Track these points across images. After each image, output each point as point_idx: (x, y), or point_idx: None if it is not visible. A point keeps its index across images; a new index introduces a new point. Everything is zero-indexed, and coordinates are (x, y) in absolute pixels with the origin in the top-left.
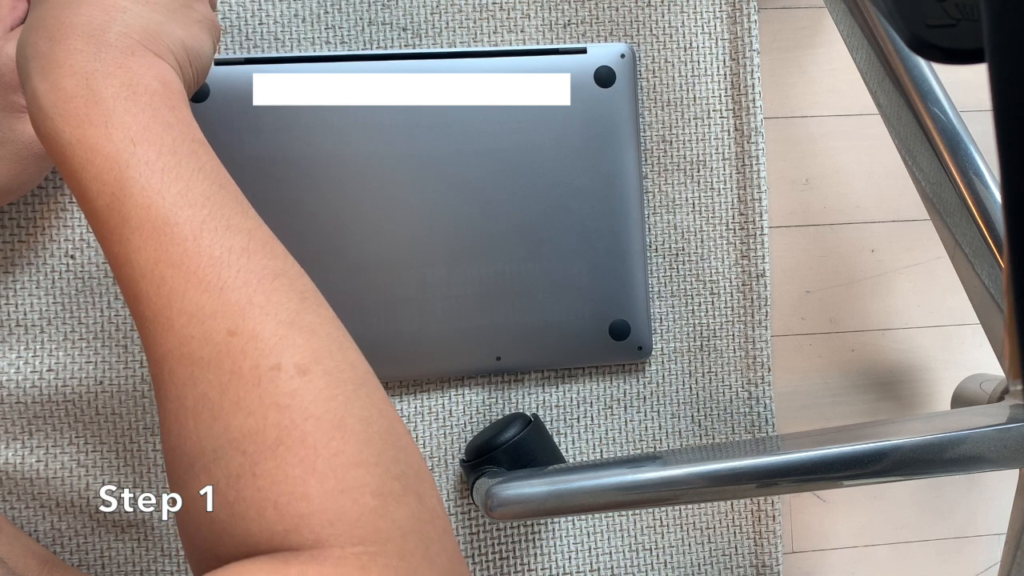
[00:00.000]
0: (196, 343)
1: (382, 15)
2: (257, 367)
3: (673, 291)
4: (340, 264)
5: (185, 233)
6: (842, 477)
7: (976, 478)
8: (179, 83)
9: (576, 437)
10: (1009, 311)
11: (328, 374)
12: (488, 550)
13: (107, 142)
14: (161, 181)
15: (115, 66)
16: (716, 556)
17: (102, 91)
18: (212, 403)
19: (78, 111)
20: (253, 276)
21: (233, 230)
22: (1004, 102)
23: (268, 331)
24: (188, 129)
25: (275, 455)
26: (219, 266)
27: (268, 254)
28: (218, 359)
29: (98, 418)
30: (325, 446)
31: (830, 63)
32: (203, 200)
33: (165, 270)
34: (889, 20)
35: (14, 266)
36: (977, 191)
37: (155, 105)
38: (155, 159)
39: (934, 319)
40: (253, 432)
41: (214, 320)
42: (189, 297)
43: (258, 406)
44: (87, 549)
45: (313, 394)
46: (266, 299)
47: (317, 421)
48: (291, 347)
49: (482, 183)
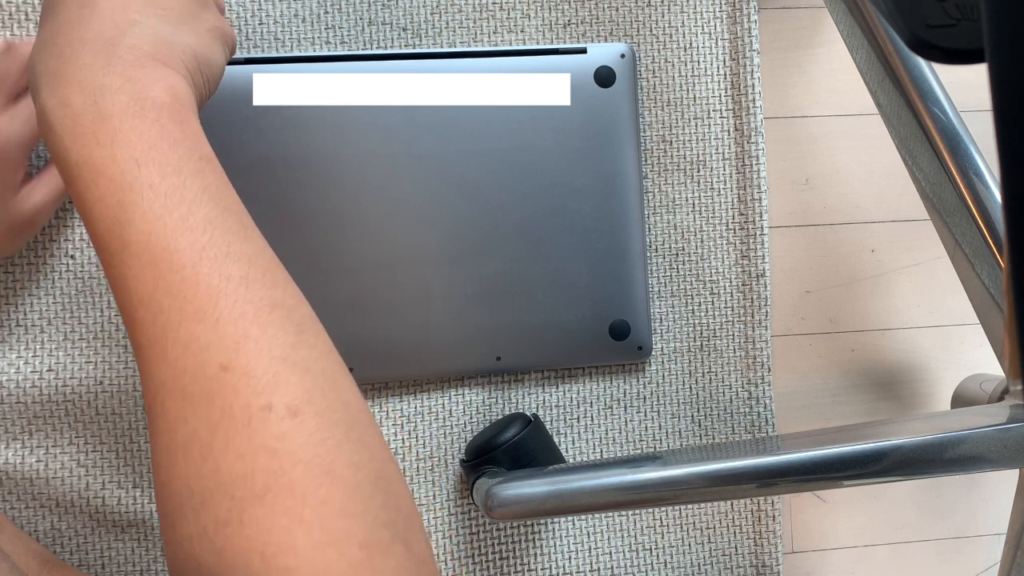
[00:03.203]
0: (189, 376)
1: (382, 15)
2: (248, 406)
3: (673, 291)
4: (340, 264)
5: (184, 261)
6: (842, 477)
7: (976, 478)
8: (189, 93)
9: (576, 437)
10: (1009, 311)
11: (319, 415)
12: (488, 550)
13: (112, 163)
14: (163, 205)
15: (124, 80)
16: (716, 556)
17: (109, 108)
18: (202, 441)
19: (85, 129)
20: (250, 307)
21: (233, 257)
22: (1004, 102)
23: (261, 368)
24: (195, 145)
25: (263, 503)
26: (216, 296)
27: (267, 283)
28: (210, 395)
29: (98, 418)
30: (313, 494)
31: (830, 63)
32: (205, 224)
33: (163, 299)
34: (889, 20)
35: (14, 266)
36: (977, 191)
37: (163, 120)
38: (159, 181)
39: (934, 319)
40: (242, 476)
41: (208, 353)
42: (184, 328)
43: (247, 448)
44: (87, 549)
45: (303, 437)
46: (261, 332)
47: (306, 467)
48: (283, 386)
49: (482, 183)
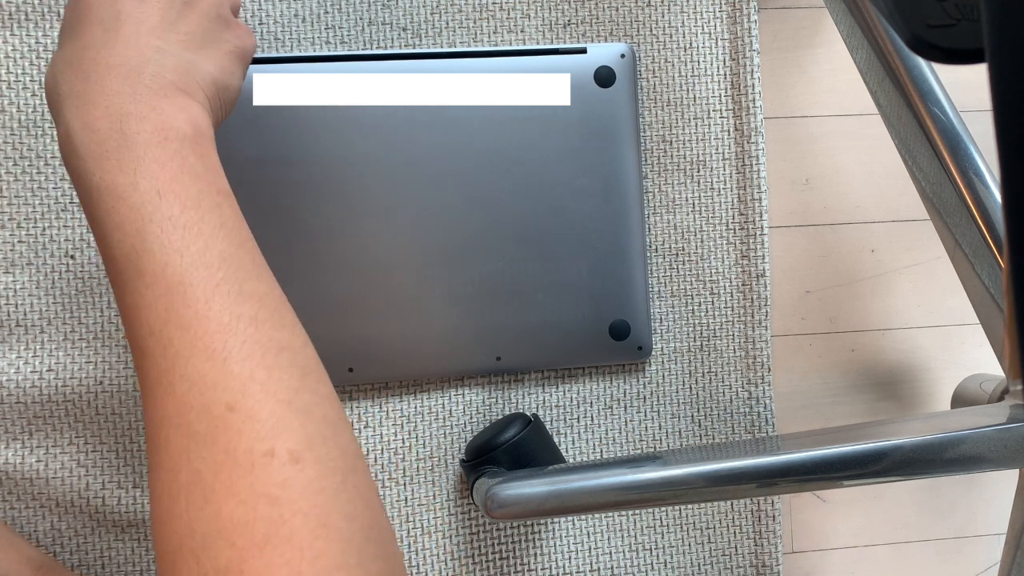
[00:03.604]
0: (195, 414)
1: (382, 15)
2: (251, 451)
3: (673, 291)
4: (340, 264)
5: (197, 295)
6: (842, 477)
7: (976, 478)
8: (208, 123)
9: (576, 437)
10: (1009, 311)
11: (319, 462)
12: (488, 550)
13: (134, 192)
14: (182, 239)
15: (148, 108)
16: (716, 556)
17: (134, 136)
18: (205, 484)
19: (110, 155)
20: (258, 348)
21: (245, 296)
22: (1004, 102)
23: (266, 411)
24: (214, 179)
25: (263, 554)
26: (226, 334)
27: (276, 324)
28: (214, 435)
29: (98, 418)
30: (310, 547)
31: (830, 63)
32: (220, 261)
33: (173, 332)
34: (889, 20)
35: (14, 266)
36: (977, 191)
37: (184, 152)
38: (179, 214)
39: (934, 319)
40: (243, 524)
41: (214, 392)
42: (193, 364)
43: (249, 495)
44: (87, 549)
45: (303, 485)
46: (267, 375)
47: (304, 517)
48: (286, 431)
49: (482, 183)
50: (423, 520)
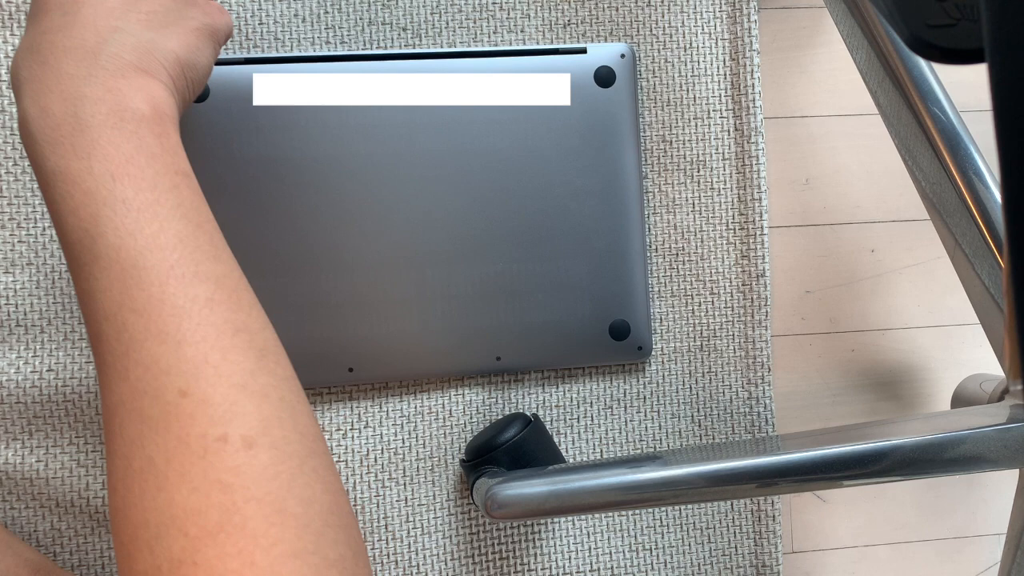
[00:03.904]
0: (148, 399)
1: (382, 15)
2: (204, 436)
3: (673, 291)
4: (340, 264)
5: (152, 279)
6: (842, 477)
7: (976, 478)
8: (170, 102)
9: (576, 437)
10: (1009, 311)
11: (274, 447)
12: (488, 550)
13: (88, 176)
14: (135, 221)
15: (104, 90)
16: (716, 556)
17: (89, 119)
18: (158, 471)
19: (64, 140)
20: (213, 330)
21: (201, 278)
22: (1004, 102)
23: (220, 395)
24: (173, 159)
25: (216, 542)
26: (180, 317)
27: (233, 305)
28: (167, 422)
29: (98, 418)
30: (264, 534)
31: (830, 63)
32: (175, 243)
33: (127, 316)
34: (889, 20)
35: (14, 266)
36: (977, 191)
37: (141, 133)
38: (133, 196)
39: (934, 319)
40: (196, 512)
41: (168, 377)
42: (147, 348)
43: (202, 482)
44: (87, 549)
45: (257, 471)
46: (222, 358)
47: (258, 504)
48: (240, 416)
49: (482, 183)
50: (423, 520)
